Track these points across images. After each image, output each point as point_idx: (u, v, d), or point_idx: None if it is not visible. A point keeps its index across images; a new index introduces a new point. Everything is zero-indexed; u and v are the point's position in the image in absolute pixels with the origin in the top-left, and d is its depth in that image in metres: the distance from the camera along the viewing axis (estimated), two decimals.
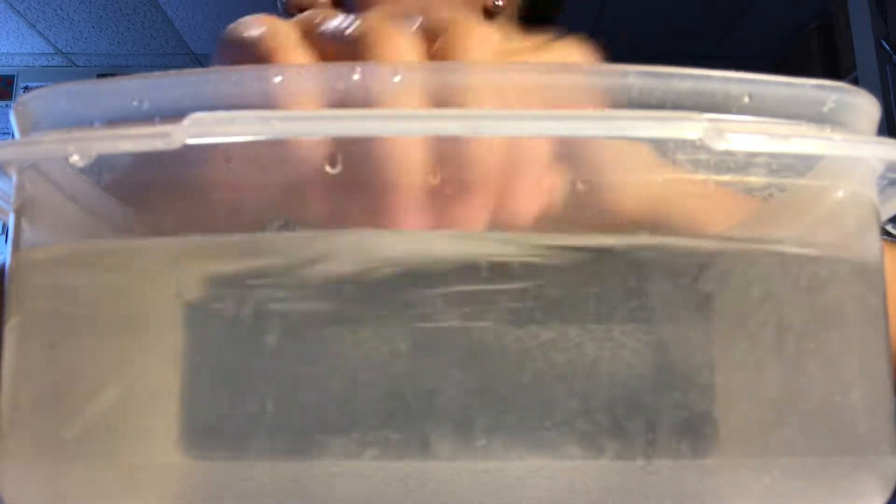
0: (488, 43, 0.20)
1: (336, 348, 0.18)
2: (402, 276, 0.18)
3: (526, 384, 0.18)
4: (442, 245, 0.19)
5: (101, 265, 0.19)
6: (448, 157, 0.18)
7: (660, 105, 0.17)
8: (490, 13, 0.57)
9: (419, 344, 0.18)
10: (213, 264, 0.19)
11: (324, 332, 0.18)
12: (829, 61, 2.26)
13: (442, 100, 0.17)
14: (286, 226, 0.19)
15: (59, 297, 0.19)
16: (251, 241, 0.19)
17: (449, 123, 0.16)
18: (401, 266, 0.18)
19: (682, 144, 0.18)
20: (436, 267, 0.18)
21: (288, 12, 0.52)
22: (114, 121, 0.18)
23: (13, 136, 0.19)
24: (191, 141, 0.16)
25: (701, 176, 0.18)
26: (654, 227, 0.20)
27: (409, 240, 0.19)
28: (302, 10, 0.51)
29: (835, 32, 2.21)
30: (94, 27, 2.49)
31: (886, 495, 0.19)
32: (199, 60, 2.70)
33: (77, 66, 2.76)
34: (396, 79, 0.17)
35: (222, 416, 0.18)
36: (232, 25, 0.22)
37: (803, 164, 0.19)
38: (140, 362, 0.18)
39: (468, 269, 0.18)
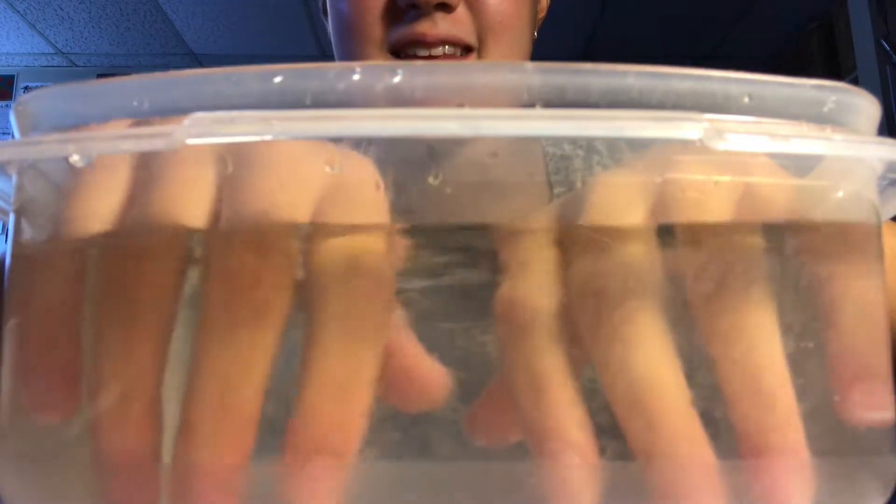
0: None
1: None
2: (400, 272, 0.18)
3: None
4: (441, 240, 0.19)
5: (102, 265, 0.19)
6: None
7: (660, 105, 0.17)
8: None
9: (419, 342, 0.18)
10: (215, 262, 0.19)
11: None
12: (829, 61, 2.26)
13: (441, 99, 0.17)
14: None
15: (59, 297, 0.19)
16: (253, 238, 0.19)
17: (449, 123, 0.16)
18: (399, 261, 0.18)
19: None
20: (434, 262, 0.18)
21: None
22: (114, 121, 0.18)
23: (13, 136, 0.19)
24: (191, 141, 0.16)
25: (701, 175, 0.18)
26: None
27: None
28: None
29: (835, 32, 2.21)
30: (94, 27, 2.49)
31: (886, 495, 0.19)
32: (199, 60, 2.70)
33: (77, 66, 2.76)
34: (396, 79, 0.17)
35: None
36: None
37: (803, 165, 0.19)
38: (140, 361, 0.18)
39: (466, 265, 0.18)
